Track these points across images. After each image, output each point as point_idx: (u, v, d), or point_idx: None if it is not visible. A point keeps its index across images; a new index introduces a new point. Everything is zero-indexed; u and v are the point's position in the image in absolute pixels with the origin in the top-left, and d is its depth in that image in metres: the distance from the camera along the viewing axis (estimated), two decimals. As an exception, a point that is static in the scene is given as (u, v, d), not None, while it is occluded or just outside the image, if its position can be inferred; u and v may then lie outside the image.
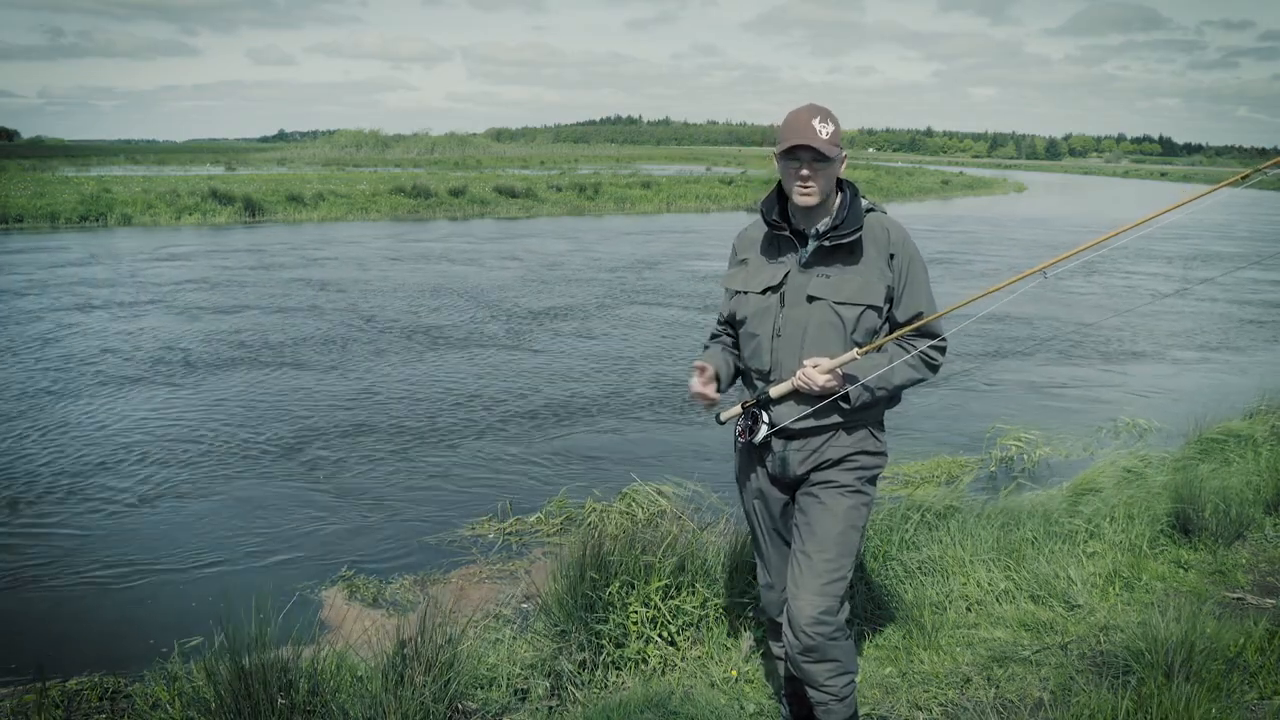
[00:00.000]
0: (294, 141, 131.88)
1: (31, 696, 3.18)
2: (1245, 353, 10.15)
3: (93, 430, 6.56)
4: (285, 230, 21.21)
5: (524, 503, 5.41)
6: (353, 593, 4.33)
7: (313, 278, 13.79)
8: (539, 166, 49.53)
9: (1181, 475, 5.01)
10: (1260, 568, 4.26)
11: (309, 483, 5.72)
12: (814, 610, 2.45)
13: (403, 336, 9.89)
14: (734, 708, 3.07)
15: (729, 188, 34.49)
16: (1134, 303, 13.13)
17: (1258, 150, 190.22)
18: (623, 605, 3.33)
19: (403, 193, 27.39)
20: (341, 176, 34.23)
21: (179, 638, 3.69)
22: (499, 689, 3.15)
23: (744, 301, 2.60)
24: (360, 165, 45.66)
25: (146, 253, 16.42)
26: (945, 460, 6.21)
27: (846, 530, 2.51)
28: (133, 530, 4.98)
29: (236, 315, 10.86)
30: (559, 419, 7.10)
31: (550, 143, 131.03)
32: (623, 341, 9.88)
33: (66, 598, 4.25)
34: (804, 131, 2.41)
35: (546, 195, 29.62)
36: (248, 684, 2.64)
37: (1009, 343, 10.20)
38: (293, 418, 6.97)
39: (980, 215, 31.01)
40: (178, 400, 7.38)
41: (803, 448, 2.54)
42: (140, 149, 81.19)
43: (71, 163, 43.40)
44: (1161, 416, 7.29)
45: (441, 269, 15.10)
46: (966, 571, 3.97)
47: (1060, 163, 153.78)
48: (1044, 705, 3.06)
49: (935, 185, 45.47)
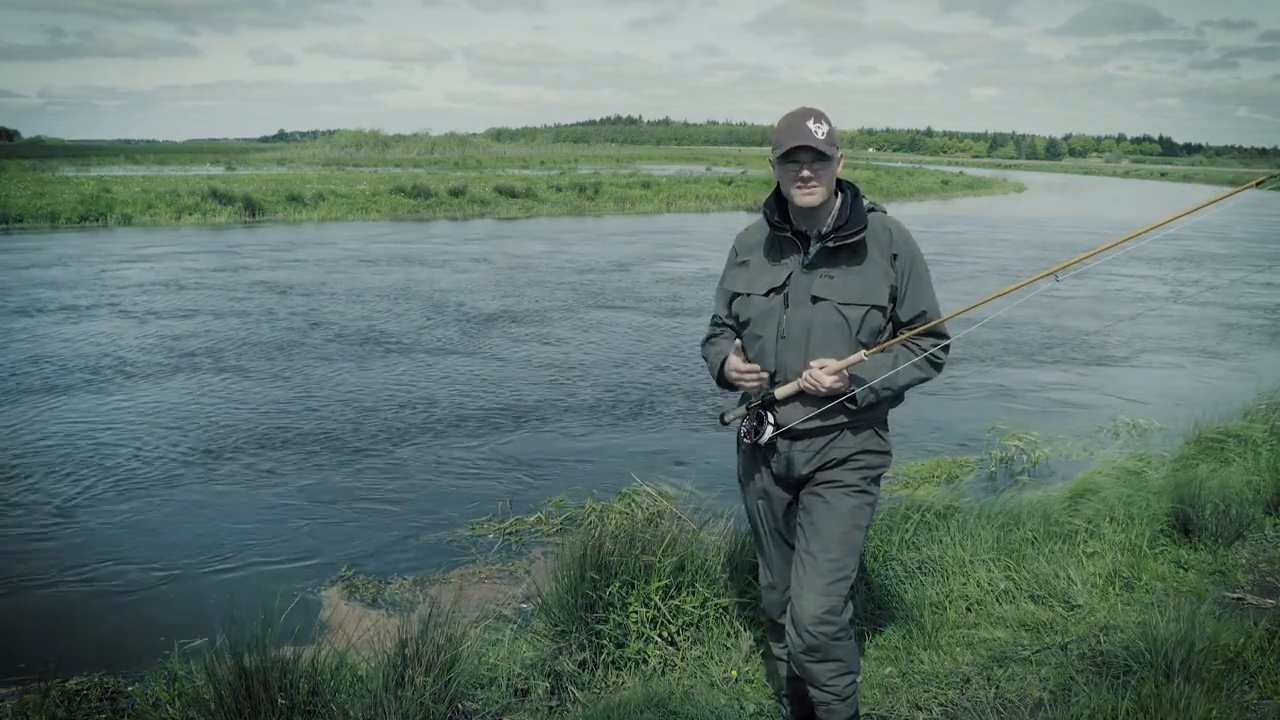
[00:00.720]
0: (294, 141, 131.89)
1: (33, 696, 3.18)
2: (1245, 354, 10.15)
3: (89, 430, 6.56)
4: (285, 230, 21.21)
5: (524, 503, 5.41)
6: (352, 593, 4.33)
7: (278, 279, 13.80)
8: (539, 166, 49.53)
9: (1181, 475, 5.01)
10: (1260, 568, 4.26)
11: (308, 483, 5.72)
12: (818, 609, 2.45)
13: (397, 337, 9.89)
14: (734, 708, 3.07)
15: (729, 188, 34.50)
16: (1127, 308, 13.13)
17: (1258, 150, 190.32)
18: (623, 605, 3.33)
19: (403, 193, 27.40)
20: (341, 176, 34.23)
21: (179, 638, 3.69)
22: (499, 689, 3.15)
23: (746, 303, 2.60)
24: (360, 165, 45.65)
25: (120, 254, 16.21)
26: (945, 460, 6.21)
27: (851, 530, 2.52)
28: (132, 531, 4.98)
29: (232, 314, 10.86)
30: (558, 420, 7.10)
31: (550, 143, 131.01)
32: (591, 346, 9.88)
33: (66, 598, 4.24)
34: (801, 133, 2.41)
35: (546, 195, 29.62)
36: (249, 684, 2.64)
37: (1009, 343, 10.20)
38: (292, 419, 6.97)
39: (976, 215, 30.99)
40: (173, 399, 7.38)
41: (808, 447, 2.54)
42: (139, 149, 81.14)
43: (71, 163, 43.40)
44: (1161, 416, 7.29)
45: (411, 271, 15.08)
46: (966, 571, 3.97)
47: (1060, 163, 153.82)
48: (1044, 705, 3.06)
49: (935, 185, 45.47)
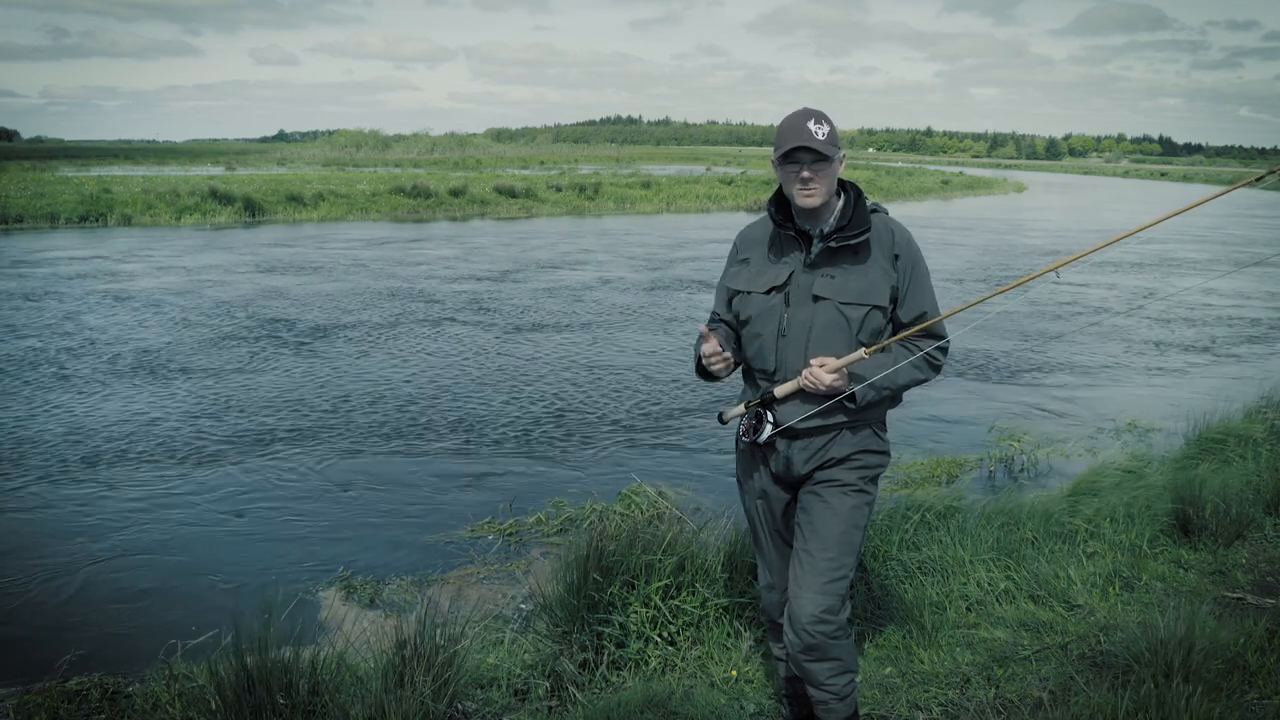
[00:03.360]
0: (293, 141, 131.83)
1: (33, 696, 3.18)
2: (1243, 355, 10.15)
3: (88, 430, 6.56)
4: (284, 230, 21.22)
5: (523, 504, 5.41)
6: (351, 593, 4.33)
7: (279, 279, 13.80)
8: (539, 166, 49.52)
9: (1181, 475, 5.01)
10: (1260, 568, 4.26)
11: (307, 484, 5.72)
12: (815, 609, 2.45)
13: (388, 338, 9.90)
14: (734, 708, 3.07)
15: (729, 188, 34.47)
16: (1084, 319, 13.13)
17: (1258, 150, 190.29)
18: (623, 605, 3.34)
19: (402, 193, 27.38)
20: (341, 177, 34.22)
21: (179, 638, 3.68)
22: (499, 689, 3.15)
23: (747, 301, 2.60)
24: (360, 165, 45.65)
25: (120, 253, 16.35)
26: (945, 460, 6.21)
27: (849, 529, 2.52)
28: (132, 531, 4.98)
29: (230, 314, 10.86)
30: (555, 420, 7.10)
31: (550, 143, 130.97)
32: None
33: (67, 598, 4.25)
34: (800, 134, 2.42)
35: (546, 195, 29.61)
36: (250, 684, 2.64)
37: (1008, 342, 10.20)
38: (292, 419, 6.97)
39: (973, 216, 30.99)
40: (170, 400, 7.38)
41: (807, 447, 2.54)
42: (138, 149, 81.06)
43: (71, 163, 43.39)
44: (1161, 416, 7.30)
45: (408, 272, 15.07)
46: (966, 571, 3.97)
47: (1060, 162, 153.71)
48: (1044, 705, 3.06)
49: (935, 185, 45.47)
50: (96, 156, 54.61)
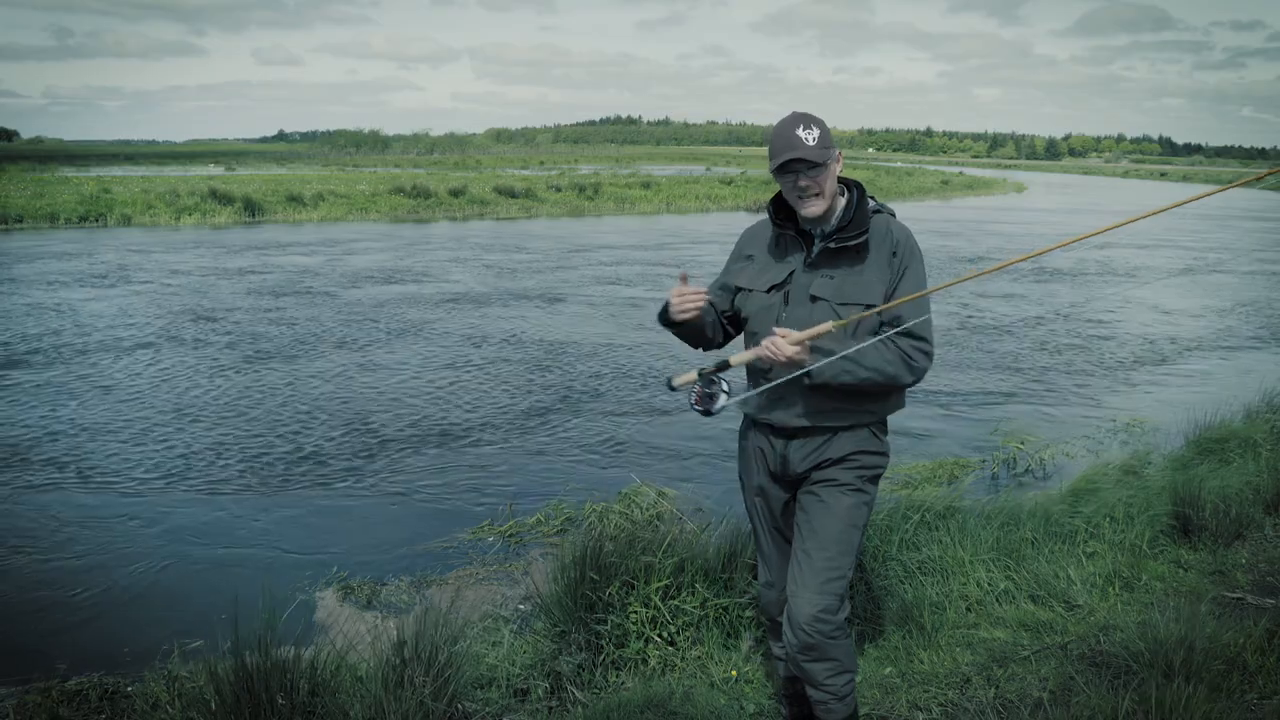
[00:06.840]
0: (293, 142, 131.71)
1: (33, 696, 3.18)
2: (1243, 355, 10.15)
3: (88, 429, 6.56)
4: (284, 230, 21.21)
5: (523, 504, 5.40)
6: (349, 594, 4.32)
7: (276, 281, 13.79)
8: (538, 167, 49.53)
9: (1181, 475, 5.01)
10: (1260, 568, 4.26)
11: (306, 484, 5.72)
12: (813, 608, 2.45)
13: (386, 337, 9.89)
14: (734, 708, 3.07)
15: (729, 188, 34.49)
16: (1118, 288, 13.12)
17: (1257, 150, 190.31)
18: (622, 606, 3.33)
19: (402, 193, 27.39)
20: (341, 177, 34.25)
21: (179, 638, 3.69)
22: (499, 689, 3.15)
23: (748, 299, 2.61)
24: (360, 165, 45.66)
25: (120, 253, 16.38)
26: (945, 460, 6.21)
27: (847, 529, 2.51)
28: (132, 532, 4.98)
29: (229, 316, 10.86)
30: (556, 420, 7.10)
31: (550, 143, 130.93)
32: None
33: (67, 598, 4.24)
34: (791, 144, 2.41)
35: (546, 195, 29.63)
36: (250, 684, 2.64)
37: (1009, 342, 10.20)
38: (287, 420, 6.97)
39: (972, 216, 30.99)
40: (169, 401, 7.38)
41: (804, 445, 2.54)
42: (138, 150, 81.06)
43: (70, 163, 43.39)
44: (1161, 416, 7.29)
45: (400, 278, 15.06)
46: (966, 571, 3.96)
47: (1060, 163, 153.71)
48: (1044, 705, 3.05)
49: (935, 185, 45.49)
50: (96, 158, 54.62)
